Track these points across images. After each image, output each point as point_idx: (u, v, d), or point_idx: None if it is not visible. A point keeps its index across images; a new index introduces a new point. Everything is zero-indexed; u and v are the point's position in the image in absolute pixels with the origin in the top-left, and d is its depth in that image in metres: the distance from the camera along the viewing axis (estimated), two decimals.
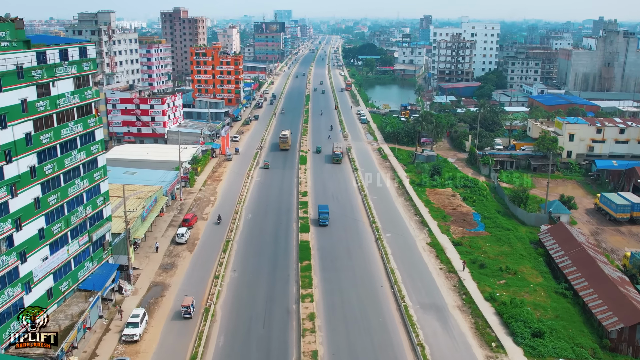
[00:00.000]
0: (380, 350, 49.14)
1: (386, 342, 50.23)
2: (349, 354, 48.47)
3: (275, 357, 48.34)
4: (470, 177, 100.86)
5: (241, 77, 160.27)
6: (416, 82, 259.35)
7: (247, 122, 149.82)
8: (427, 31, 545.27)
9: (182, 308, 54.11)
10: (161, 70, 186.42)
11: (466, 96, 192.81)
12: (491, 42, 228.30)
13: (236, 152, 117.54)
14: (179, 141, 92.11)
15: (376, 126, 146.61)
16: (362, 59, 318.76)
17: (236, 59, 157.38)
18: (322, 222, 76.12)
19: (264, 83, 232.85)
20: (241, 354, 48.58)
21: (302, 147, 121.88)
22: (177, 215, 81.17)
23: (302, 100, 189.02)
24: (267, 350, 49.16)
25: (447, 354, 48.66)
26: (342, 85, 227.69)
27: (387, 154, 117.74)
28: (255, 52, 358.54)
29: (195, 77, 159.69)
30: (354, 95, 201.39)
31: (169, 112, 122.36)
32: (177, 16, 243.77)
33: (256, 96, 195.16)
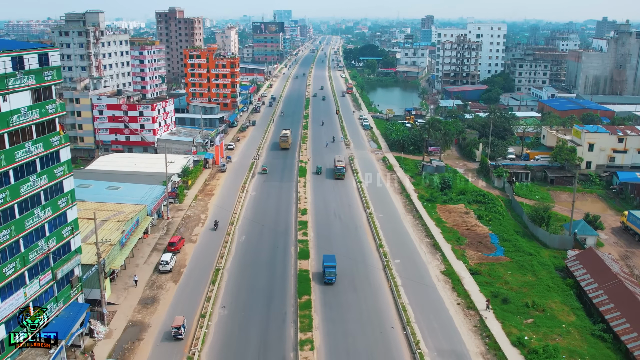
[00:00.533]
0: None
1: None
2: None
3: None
4: (483, 191, 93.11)
5: (237, 81, 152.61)
6: (419, 84, 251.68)
7: (244, 128, 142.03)
8: (428, 31, 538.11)
9: (172, 329, 50.28)
10: (154, 72, 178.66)
11: (472, 100, 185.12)
12: (497, 44, 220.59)
13: (228, 161, 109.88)
14: (166, 153, 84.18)
15: (380, 133, 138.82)
16: (364, 60, 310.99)
17: (232, 61, 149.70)
18: (327, 280, 60.04)
19: (262, 86, 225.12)
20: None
21: (301, 155, 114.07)
22: (163, 237, 73.35)
23: (302, 104, 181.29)
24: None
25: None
26: (343, 88, 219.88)
27: (393, 164, 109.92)
28: (254, 53, 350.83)
29: (190, 80, 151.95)
30: (356, 99, 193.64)
31: (159, 119, 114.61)
32: (173, 16, 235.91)
33: (254, 100, 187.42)
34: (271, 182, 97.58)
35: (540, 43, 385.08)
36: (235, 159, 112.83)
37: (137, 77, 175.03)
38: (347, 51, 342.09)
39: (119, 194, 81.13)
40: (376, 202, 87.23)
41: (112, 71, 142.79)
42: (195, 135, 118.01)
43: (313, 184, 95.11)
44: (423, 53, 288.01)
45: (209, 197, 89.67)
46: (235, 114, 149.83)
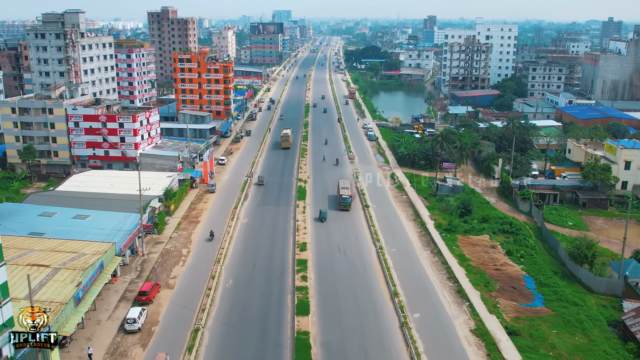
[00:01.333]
0: None
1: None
2: None
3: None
4: (509, 218, 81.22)
5: (231, 87, 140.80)
6: (424, 88, 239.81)
7: (237, 139, 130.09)
8: (431, 32, 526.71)
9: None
10: (143, 77, 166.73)
11: (483, 106, 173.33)
12: (508, 45, 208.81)
13: (212, 176, 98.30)
14: (140, 178, 72.23)
15: (386, 144, 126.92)
16: (366, 62, 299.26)
17: (225, 65, 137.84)
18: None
19: (260, 90, 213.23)
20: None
21: (300, 172, 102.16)
22: (135, 281, 61.45)
23: (301, 110, 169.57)
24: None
25: None
26: (345, 93, 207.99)
27: (403, 182, 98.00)
28: (252, 55, 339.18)
29: (179, 86, 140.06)
30: (359, 105, 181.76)
31: (141, 131, 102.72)
32: (166, 17, 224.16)
33: (250, 106, 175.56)
34: (266, 205, 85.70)
35: (544, 44, 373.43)
36: (226, 177, 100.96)
37: (124, 82, 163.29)
38: (348, 53, 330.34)
39: (86, 226, 69.28)
40: (387, 232, 75.32)
41: (94, 77, 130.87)
42: (182, 149, 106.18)
43: (314, 209, 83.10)
44: (428, 55, 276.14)
45: (194, 226, 77.72)
46: (228, 122, 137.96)
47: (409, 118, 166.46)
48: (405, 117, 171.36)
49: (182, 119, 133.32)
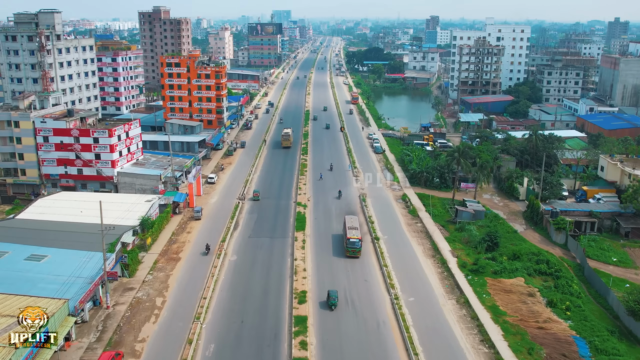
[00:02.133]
0: None
1: None
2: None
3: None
4: (543, 253, 69.23)
5: (224, 94, 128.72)
6: (430, 92, 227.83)
7: (230, 152, 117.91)
8: (434, 33, 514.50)
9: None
10: (130, 82, 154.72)
11: (496, 113, 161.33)
12: (520, 48, 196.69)
13: (201, 193, 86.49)
14: (102, 218, 60.24)
15: (395, 158, 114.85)
16: (368, 64, 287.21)
17: (217, 70, 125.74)
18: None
19: (256, 95, 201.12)
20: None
21: (299, 194, 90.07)
22: (94, 346, 49.44)
23: (300, 117, 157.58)
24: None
25: None
26: (348, 98, 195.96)
27: (416, 206, 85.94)
28: (250, 56, 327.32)
29: (167, 93, 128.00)
30: (362, 112, 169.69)
31: (120, 147, 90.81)
32: (157, 17, 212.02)
33: (245, 113, 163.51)
34: (259, 237, 73.59)
35: (549, 45, 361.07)
36: (215, 198, 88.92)
37: (110, 88, 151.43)
38: (349, 54, 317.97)
39: (40, 271, 57.33)
40: (402, 273, 63.26)
41: (72, 83, 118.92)
42: (167, 166, 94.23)
43: (315, 245, 71.07)
44: (433, 57, 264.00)
45: (173, 265, 65.68)
46: (221, 133, 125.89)
47: (416, 126, 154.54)
48: (412, 125, 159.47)
49: (170, 129, 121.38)
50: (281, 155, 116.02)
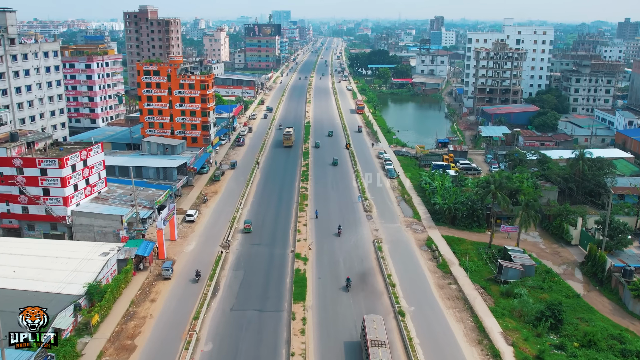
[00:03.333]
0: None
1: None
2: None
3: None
4: (625, 336, 51.28)
5: (211, 107, 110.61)
6: (441, 99, 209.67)
7: (217, 177, 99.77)
8: (438, 34, 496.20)
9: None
10: (108, 91, 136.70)
11: (519, 125, 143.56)
12: (542, 52, 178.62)
13: (178, 236, 68.24)
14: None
15: (411, 184, 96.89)
16: (372, 68, 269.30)
17: (203, 80, 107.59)
18: None
19: (251, 103, 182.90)
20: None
21: (298, 241, 71.88)
22: None
23: (300, 131, 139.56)
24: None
25: None
26: (352, 106, 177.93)
27: (447, 257, 67.85)
28: (247, 59, 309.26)
29: (145, 105, 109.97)
30: (369, 123, 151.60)
31: (75, 179, 72.91)
32: (144, 17, 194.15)
33: (238, 125, 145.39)
34: (244, 309, 55.44)
35: (559, 46, 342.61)
36: (192, 246, 70.89)
37: (83, 98, 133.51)
38: (352, 57, 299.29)
39: None
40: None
41: (32, 95, 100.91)
42: (135, 200, 76.25)
43: (320, 326, 52.93)
44: (442, 60, 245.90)
45: (127, 357, 47.66)
46: (206, 153, 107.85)
47: (431, 141, 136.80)
48: (425, 139, 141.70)
49: (147, 148, 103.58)
50: (277, 182, 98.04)
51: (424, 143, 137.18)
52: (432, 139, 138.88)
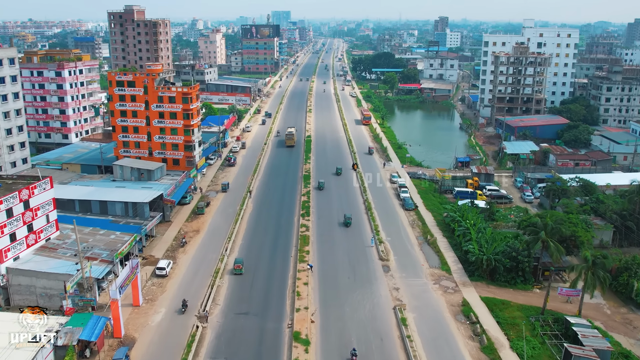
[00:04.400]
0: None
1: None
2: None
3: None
4: None
5: (195, 124, 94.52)
6: (452, 106, 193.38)
7: (200, 210, 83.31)
8: (443, 35, 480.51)
9: None
10: (82, 102, 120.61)
11: (547, 140, 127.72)
12: (566, 56, 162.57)
13: (143, 303, 52.05)
14: None
15: (433, 220, 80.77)
16: (377, 72, 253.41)
17: (186, 92, 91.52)
18: None
19: (246, 112, 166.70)
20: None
21: (297, 309, 55.72)
22: None
23: (300, 142, 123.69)
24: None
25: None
26: (357, 116, 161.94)
27: (492, 335, 51.61)
28: (243, 62, 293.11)
29: (119, 122, 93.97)
30: (378, 137, 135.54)
31: (12, 227, 57.03)
32: (129, 18, 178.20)
33: (230, 140, 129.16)
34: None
35: None
36: (159, 316, 54.64)
37: (54, 110, 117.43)
38: (355, 60, 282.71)
39: None
40: None
41: None
42: (92, 251, 60.17)
43: None
44: (452, 64, 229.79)
45: None
46: (190, 178, 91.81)
47: (446, 157, 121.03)
48: (439, 153, 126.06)
49: (119, 173, 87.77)
50: (272, 217, 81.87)
51: (439, 160, 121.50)
52: (449, 156, 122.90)
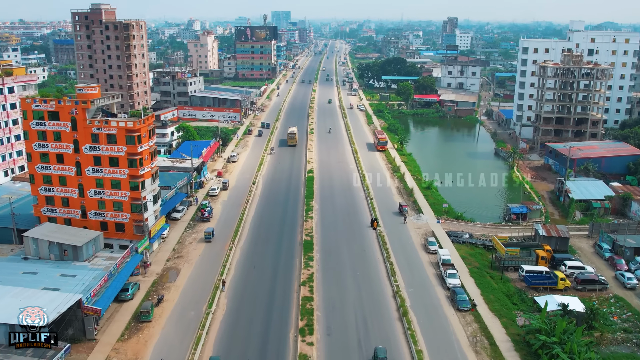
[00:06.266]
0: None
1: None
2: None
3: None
4: None
5: (145, 173, 65.50)
6: (480, 123, 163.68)
7: (145, 316, 53.68)
8: (452, 36, 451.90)
9: None
10: (12, 130, 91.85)
11: (614, 174, 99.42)
12: (623, 66, 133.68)
13: None
14: None
15: (505, 333, 51.85)
16: (387, 80, 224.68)
17: (132, 130, 62.68)
18: None
19: (235, 132, 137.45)
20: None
21: None
22: None
23: (299, 185, 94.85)
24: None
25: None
26: (369, 139, 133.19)
27: None
28: (237, 67, 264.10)
29: (38, 169, 65.20)
30: (397, 169, 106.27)
31: None
32: (97, 19, 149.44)
33: (207, 178, 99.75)
34: None
35: None
36: None
37: None
38: (362, 67, 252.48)
39: None
40: None
41: None
42: None
43: None
44: (474, 71, 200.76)
45: None
46: (136, 256, 62.80)
47: (484, 196, 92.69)
48: (478, 196, 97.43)
49: (33, 249, 59.41)
50: (255, 331, 52.96)
51: (481, 204, 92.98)
52: (492, 199, 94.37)
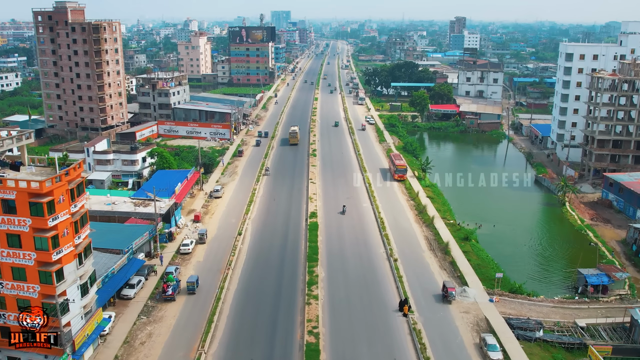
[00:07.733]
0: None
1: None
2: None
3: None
4: None
5: (65, 256, 43.25)
6: (509, 139, 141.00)
7: None
8: (460, 37, 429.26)
9: None
10: None
11: None
12: None
13: None
14: None
15: None
16: (397, 87, 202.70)
17: (38, 192, 40.81)
18: None
19: (224, 152, 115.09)
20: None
21: None
22: None
23: (299, 240, 72.74)
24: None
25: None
26: (384, 164, 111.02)
27: None
28: (232, 72, 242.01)
29: None
30: (421, 209, 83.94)
31: None
32: (62, 19, 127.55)
33: (179, 226, 77.33)
34: None
35: None
36: None
37: None
38: (369, 72, 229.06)
39: None
40: None
41: None
42: None
43: None
44: (496, 78, 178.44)
45: None
46: None
47: (541, 248, 70.83)
48: (527, 243, 75.48)
49: None
50: None
51: (541, 266, 70.78)
52: (553, 257, 72.61)
